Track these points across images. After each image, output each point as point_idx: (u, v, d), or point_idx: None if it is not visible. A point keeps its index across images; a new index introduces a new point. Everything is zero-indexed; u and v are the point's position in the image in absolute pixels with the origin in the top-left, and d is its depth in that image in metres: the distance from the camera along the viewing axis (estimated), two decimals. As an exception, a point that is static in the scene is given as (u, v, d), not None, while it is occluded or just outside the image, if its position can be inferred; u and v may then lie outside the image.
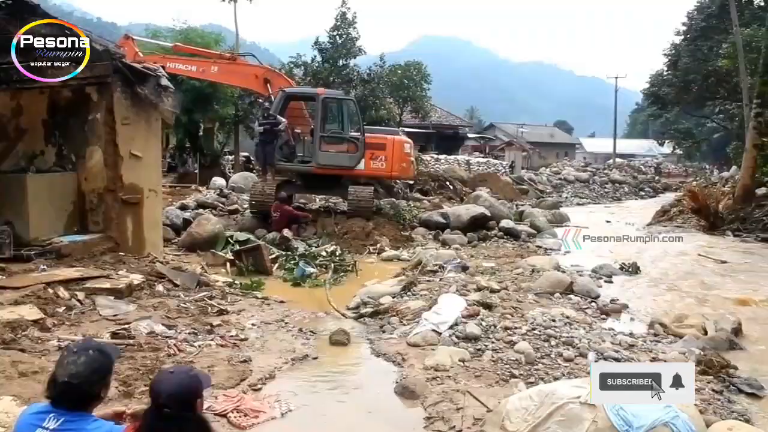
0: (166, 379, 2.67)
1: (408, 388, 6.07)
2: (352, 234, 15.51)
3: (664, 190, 45.88)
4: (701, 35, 48.78)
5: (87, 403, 2.62)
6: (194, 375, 2.77)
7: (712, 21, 47.87)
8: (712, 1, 48.60)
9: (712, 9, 48.01)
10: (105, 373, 2.68)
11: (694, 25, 51.06)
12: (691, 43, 49.97)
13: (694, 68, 45.68)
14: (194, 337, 7.15)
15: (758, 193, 22.47)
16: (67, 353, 2.68)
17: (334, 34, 35.95)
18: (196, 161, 30.79)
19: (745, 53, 31.83)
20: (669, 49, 52.47)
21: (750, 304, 10.83)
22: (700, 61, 45.55)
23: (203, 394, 2.75)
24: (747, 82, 30.87)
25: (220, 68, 17.52)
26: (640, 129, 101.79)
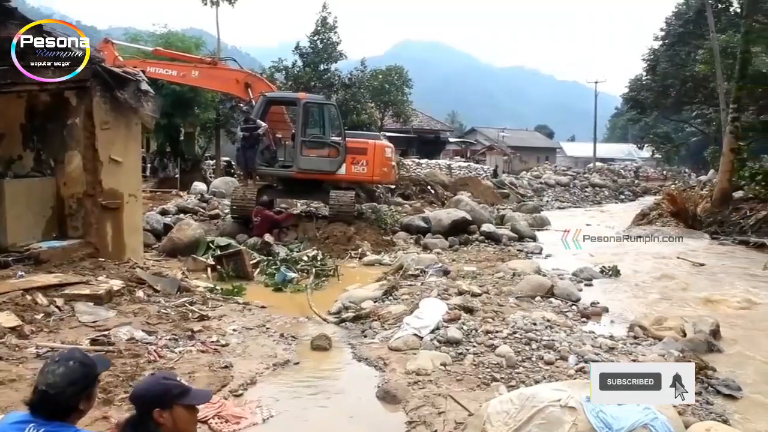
0: (142, 382, 2.68)
1: (390, 392, 6.08)
2: (333, 239, 15.51)
3: (644, 193, 46.25)
4: (679, 41, 49.38)
5: (65, 414, 2.57)
6: (161, 381, 2.77)
7: (689, 27, 48.45)
8: (689, 7, 49.18)
9: (690, 15, 48.59)
10: (84, 386, 2.61)
11: (672, 31, 51.65)
12: (670, 48, 50.54)
13: (672, 73, 46.21)
14: (175, 343, 7.10)
15: (735, 197, 22.72)
16: (50, 362, 2.65)
17: (315, 38, 35.96)
18: (177, 166, 30.64)
19: (721, 59, 32.21)
20: (648, 54, 53.03)
21: (727, 306, 10.96)
22: (678, 66, 46.09)
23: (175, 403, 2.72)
24: (723, 87, 31.27)
25: (201, 73, 17.45)
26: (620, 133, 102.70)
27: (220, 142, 34.10)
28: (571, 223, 25.71)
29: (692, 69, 41.55)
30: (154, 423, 2.68)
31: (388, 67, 40.60)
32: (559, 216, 29.47)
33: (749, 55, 25.07)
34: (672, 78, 45.91)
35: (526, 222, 21.24)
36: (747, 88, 26.34)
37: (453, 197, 24.41)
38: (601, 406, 4.46)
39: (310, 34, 36.15)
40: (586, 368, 6.75)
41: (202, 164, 33.18)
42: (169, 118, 25.69)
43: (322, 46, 35.71)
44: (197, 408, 2.90)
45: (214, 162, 34.51)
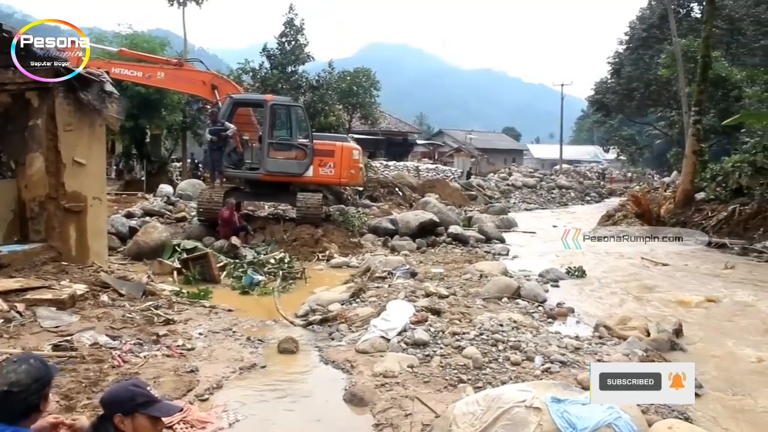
0: (112, 386, 2.67)
1: (357, 395, 6.07)
2: (300, 241, 15.46)
3: (609, 195, 46.87)
4: (643, 45, 50.26)
5: (26, 415, 2.56)
6: (129, 388, 2.76)
7: (653, 31, 49.32)
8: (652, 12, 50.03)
9: (653, 20, 49.48)
10: (45, 383, 2.62)
11: (636, 35, 52.56)
12: (634, 52, 51.39)
13: (636, 76, 46.95)
14: (140, 347, 7.01)
15: (697, 198, 23.10)
16: (7, 363, 2.63)
17: (282, 40, 35.82)
18: (143, 168, 30.31)
19: (683, 63, 32.79)
20: (612, 57, 53.81)
21: (690, 306, 11.18)
22: (642, 70, 46.86)
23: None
24: (685, 90, 31.82)
25: (167, 74, 17.29)
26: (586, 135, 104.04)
27: (187, 144, 33.83)
28: (538, 224, 26.05)
29: (656, 72, 42.26)
30: (114, 427, 2.67)
31: (356, 69, 40.62)
32: (526, 217, 29.77)
33: (709, 60, 25.53)
34: (636, 81, 46.67)
35: (493, 224, 21.40)
36: (707, 92, 26.83)
37: (421, 199, 24.50)
38: (565, 406, 4.52)
39: (278, 35, 36.02)
40: (552, 369, 6.84)
41: (169, 166, 32.87)
42: (134, 119, 25.42)
43: (289, 48, 35.58)
44: (162, 420, 2.89)
45: (180, 164, 34.23)
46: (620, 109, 50.81)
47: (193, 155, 36.72)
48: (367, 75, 39.87)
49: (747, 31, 44.53)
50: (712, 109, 34.96)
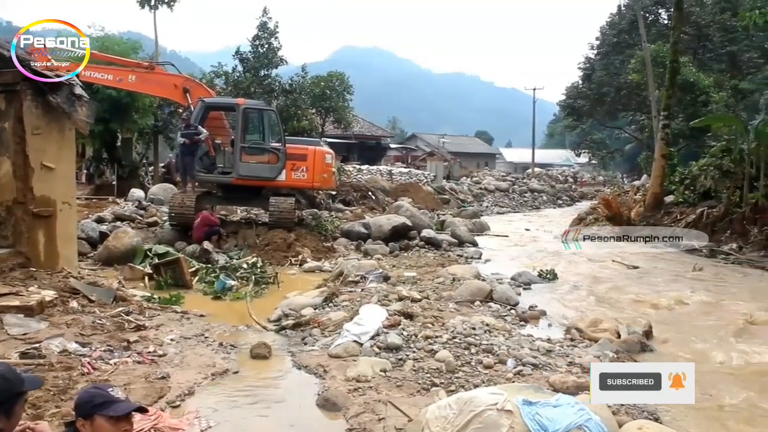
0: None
1: (330, 400, 6.06)
2: (273, 245, 15.40)
3: (581, 198, 47.27)
4: (613, 50, 50.86)
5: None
6: (88, 390, 2.74)
7: (623, 36, 49.97)
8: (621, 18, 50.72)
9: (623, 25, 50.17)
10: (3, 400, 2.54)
11: (607, 41, 53.24)
12: (604, 57, 52.05)
13: (607, 81, 47.50)
14: (110, 354, 6.93)
15: (667, 201, 23.45)
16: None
17: (255, 43, 35.69)
18: (114, 172, 29.98)
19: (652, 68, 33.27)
20: (583, 62, 54.37)
21: (659, 307, 11.33)
22: (613, 75, 47.40)
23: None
24: (655, 95, 32.29)
25: (138, 77, 17.13)
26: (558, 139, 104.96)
27: (159, 148, 33.55)
28: (511, 228, 26.23)
29: (626, 77, 42.82)
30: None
31: (329, 72, 40.57)
32: (498, 221, 29.95)
33: (677, 65, 25.98)
34: (607, 86, 47.21)
35: (466, 227, 21.48)
36: (676, 96, 27.26)
37: (394, 203, 24.54)
38: (536, 409, 4.55)
39: (251, 39, 35.89)
40: (524, 371, 6.89)
41: (140, 171, 32.55)
42: (105, 123, 25.15)
43: (262, 52, 35.46)
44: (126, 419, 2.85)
45: (152, 168, 33.92)
46: (591, 113, 51.32)
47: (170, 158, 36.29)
48: (340, 79, 39.85)
49: (713, 37, 45.31)
50: (681, 113, 35.57)
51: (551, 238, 22.97)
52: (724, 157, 21.95)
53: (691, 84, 35.66)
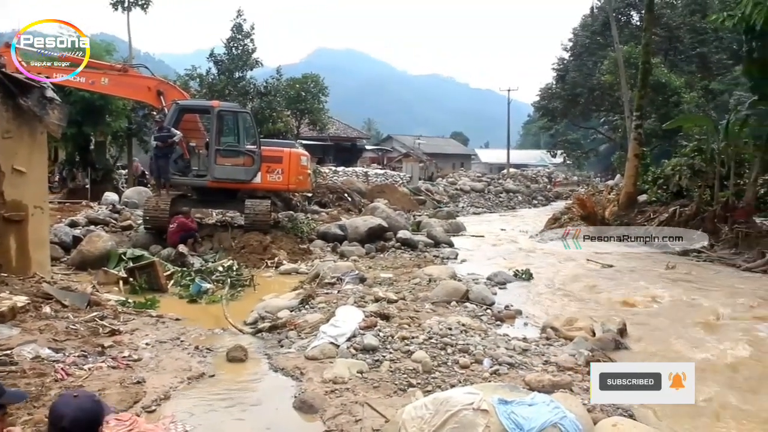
0: (70, 403, 2.60)
1: (306, 402, 6.06)
2: (249, 248, 15.34)
3: (556, 198, 47.49)
4: (586, 51, 51.34)
5: None
6: (98, 401, 2.71)
7: (596, 38, 50.45)
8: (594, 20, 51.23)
9: (595, 27, 50.65)
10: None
11: (580, 42, 53.69)
12: (578, 58, 52.53)
13: (580, 82, 47.95)
14: (84, 359, 6.88)
15: (640, 200, 23.68)
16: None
17: (230, 45, 35.49)
18: (87, 176, 29.64)
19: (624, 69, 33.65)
20: (557, 63, 54.79)
21: (633, 305, 11.47)
22: (586, 76, 47.85)
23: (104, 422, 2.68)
24: (627, 95, 32.66)
25: (111, 80, 16.96)
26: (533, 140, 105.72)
27: (133, 151, 33.23)
28: (486, 228, 26.34)
29: (599, 78, 43.25)
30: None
31: (304, 74, 40.44)
32: (474, 221, 30.07)
33: (649, 66, 26.28)
34: (580, 87, 47.66)
35: (441, 228, 21.54)
36: (648, 97, 27.58)
37: (370, 204, 24.54)
38: (512, 407, 4.59)
39: (226, 40, 35.67)
40: (500, 370, 6.94)
41: (114, 174, 32.22)
42: (78, 126, 24.88)
43: (237, 54, 35.26)
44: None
45: (126, 171, 33.58)
46: (565, 114, 51.76)
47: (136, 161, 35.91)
48: (315, 81, 39.71)
49: (684, 39, 46.00)
50: (653, 113, 36.02)
51: (527, 238, 23.14)
52: (695, 156, 22.24)
53: (662, 84, 36.14)
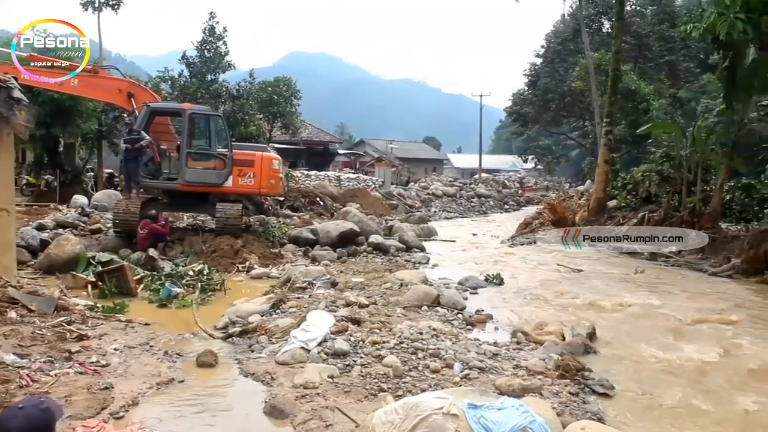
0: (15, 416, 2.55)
1: (277, 407, 6.03)
2: (220, 252, 15.21)
3: (527, 203, 47.86)
4: (558, 57, 51.88)
5: None
6: (46, 408, 2.66)
7: (567, 44, 51.03)
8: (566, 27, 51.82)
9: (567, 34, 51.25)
10: None
11: (551, 48, 54.23)
12: (549, 64, 53.04)
13: (551, 88, 48.44)
14: (50, 365, 6.77)
15: (610, 205, 24.00)
16: None
17: (202, 48, 35.30)
18: (56, 178, 29.25)
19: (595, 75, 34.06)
20: (529, 69, 55.28)
21: (603, 310, 11.59)
22: (557, 82, 48.36)
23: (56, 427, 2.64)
24: (598, 102, 33.06)
25: (81, 81, 16.72)
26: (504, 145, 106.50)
27: (103, 154, 32.88)
28: (458, 232, 26.46)
29: (570, 84, 43.72)
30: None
31: (277, 78, 40.36)
32: (446, 226, 30.16)
33: (619, 73, 26.67)
34: (551, 93, 48.14)
35: (413, 233, 21.58)
36: (618, 104, 27.95)
37: (342, 209, 24.53)
38: (481, 412, 4.62)
39: (198, 43, 35.47)
40: (470, 375, 6.98)
41: (83, 177, 31.82)
42: (46, 127, 24.56)
43: (209, 56, 35.09)
44: None
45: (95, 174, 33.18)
46: (537, 119, 52.23)
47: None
48: (288, 84, 39.66)
49: (653, 47, 46.71)
50: (623, 120, 36.49)
51: (498, 243, 23.29)
52: (664, 162, 22.59)
53: (632, 92, 36.63)
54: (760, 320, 10.91)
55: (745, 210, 20.39)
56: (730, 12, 14.77)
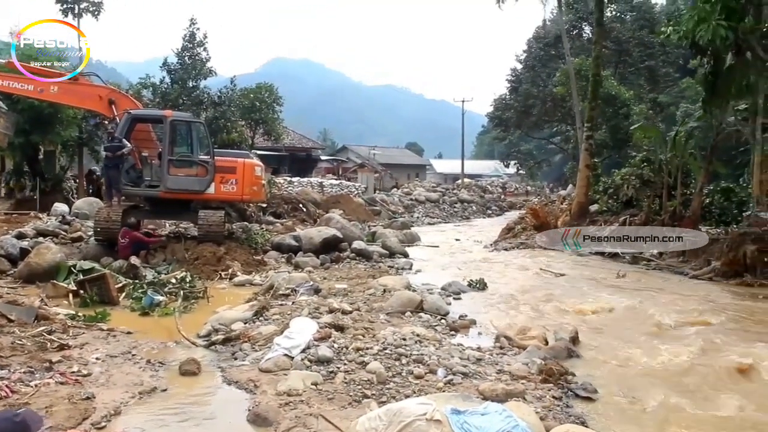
0: None
1: (260, 415, 6.01)
2: (202, 259, 15.14)
3: (510, 208, 48.07)
4: (539, 62, 52.22)
5: None
6: (21, 420, 2.64)
7: (549, 50, 51.38)
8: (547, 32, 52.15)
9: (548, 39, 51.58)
10: None
11: (533, 53, 54.58)
12: (531, 69, 53.35)
13: (533, 93, 48.67)
14: (31, 376, 6.72)
15: (591, 210, 24.14)
16: None
17: (183, 54, 35.13)
18: (36, 186, 28.99)
19: (576, 81, 34.32)
20: (511, 74, 55.55)
21: (585, 314, 11.63)
22: (539, 87, 48.64)
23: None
24: (579, 107, 33.31)
25: (61, 88, 16.63)
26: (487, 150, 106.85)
27: (84, 161, 32.61)
28: (441, 238, 26.52)
29: (551, 90, 43.99)
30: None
31: (259, 84, 40.23)
32: (429, 231, 30.26)
33: (600, 78, 26.89)
34: (533, 98, 48.38)
35: (396, 238, 21.60)
36: (599, 109, 28.18)
37: (325, 215, 24.50)
38: (465, 417, 4.64)
39: (179, 49, 35.29)
40: (454, 380, 6.99)
41: (64, 184, 31.55)
42: (26, 135, 24.29)
43: (190, 63, 34.91)
44: None
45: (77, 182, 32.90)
46: (519, 124, 52.42)
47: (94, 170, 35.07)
48: (270, 91, 39.53)
49: (633, 52, 47.14)
50: (604, 125, 36.78)
51: (481, 248, 23.35)
52: (644, 167, 22.79)
53: (613, 97, 36.94)
54: (738, 322, 11.04)
55: (724, 213, 20.62)
56: (711, 18, 14.93)
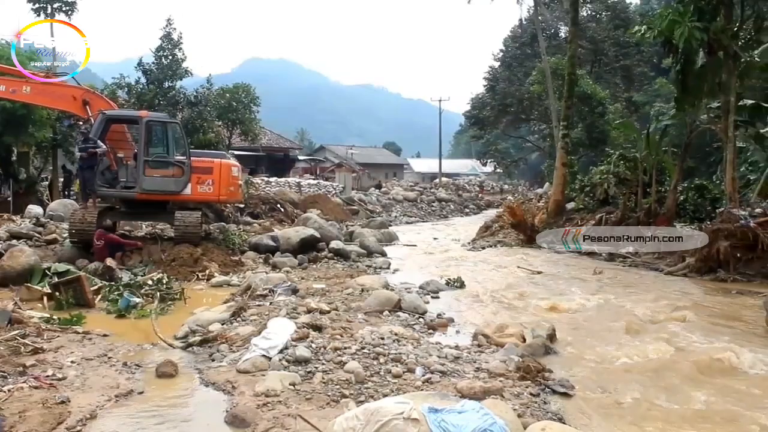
0: None
1: (238, 416, 5.98)
2: (179, 261, 15.04)
3: (487, 206, 48.25)
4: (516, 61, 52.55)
5: None
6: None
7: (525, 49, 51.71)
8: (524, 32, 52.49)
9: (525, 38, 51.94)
10: None
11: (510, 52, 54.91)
12: (507, 68, 53.64)
13: (510, 92, 48.97)
14: (3, 380, 6.63)
15: (568, 208, 24.33)
16: None
17: (159, 54, 34.87)
18: (9, 188, 28.62)
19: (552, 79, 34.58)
20: (488, 73, 55.79)
21: (562, 311, 11.73)
22: (516, 86, 48.95)
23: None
24: (555, 105, 33.58)
25: (33, 88, 16.45)
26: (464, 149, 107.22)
27: (58, 163, 32.27)
28: (419, 237, 26.58)
29: (528, 88, 44.28)
30: None
31: (236, 84, 40.03)
32: (407, 230, 30.30)
33: (575, 77, 27.12)
34: (510, 97, 48.68)
35: (374, 238, 21.61)
36: (575, 107, 28.41)
37: (302, 215, 24.45)
38: (442, 415, 4.65)
39: (155, 50, 35.03)
40: (432, 379, 7.01)
41: (38, 186, 31.19)
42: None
43: (166, 63, 34.66)
44: None
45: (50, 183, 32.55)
46: (495, 123, 52.66)
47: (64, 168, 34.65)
48: (247, 91, 39.33)
49: (608, 52, 47.56)
50: (580, 123, 37.08)
51: (459, 247, 23.44)
52: (620, 165, 23.01)
53: (588, 95, 37.25)
54: (712, 317, 11.20)
55: (698, 210, 20.88)
56: (685, 20, 15.10)
